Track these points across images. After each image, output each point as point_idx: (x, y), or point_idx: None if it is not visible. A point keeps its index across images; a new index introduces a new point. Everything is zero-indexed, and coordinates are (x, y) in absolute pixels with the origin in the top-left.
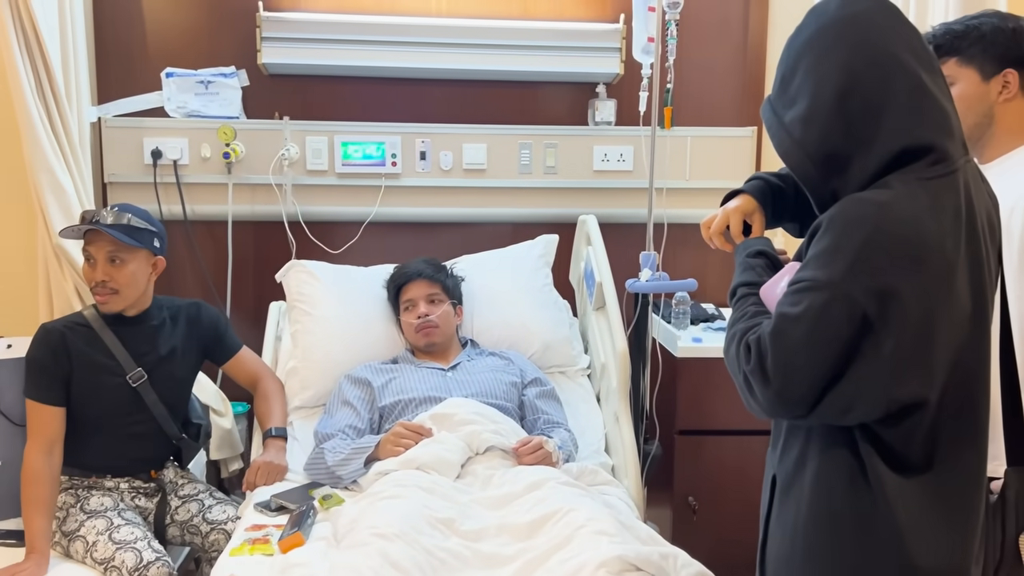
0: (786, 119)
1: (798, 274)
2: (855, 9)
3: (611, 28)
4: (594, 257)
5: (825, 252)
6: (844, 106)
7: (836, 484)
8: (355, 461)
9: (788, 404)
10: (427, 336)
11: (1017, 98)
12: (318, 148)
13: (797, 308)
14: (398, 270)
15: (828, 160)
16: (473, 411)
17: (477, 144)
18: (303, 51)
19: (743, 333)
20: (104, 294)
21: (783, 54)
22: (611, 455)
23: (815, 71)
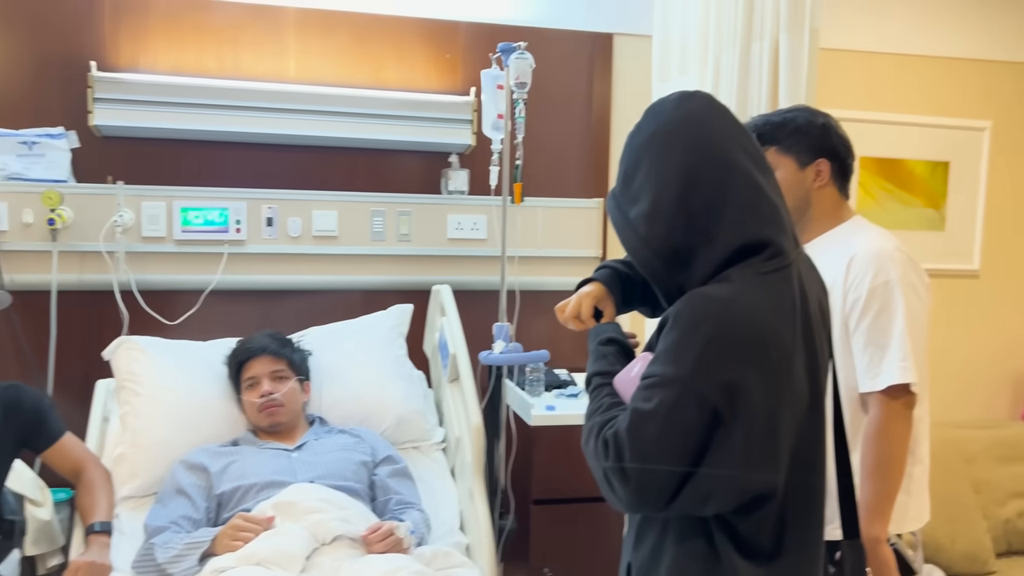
0: (631, 215)
1: (650, 368)
2: (689, 109)
3: (462, 101)
4: (448, 328)
5: (673, 348)
6: (685, 205)
7: (692, 573)
8: (189, 557)
9: (647, 500)
10: (271, 416)
11: (829, 185)
12: (155, 214)
13: (650, 404)
14: (240, 345)
15: (672, 256)
16: (319, 498)
17: (328, 211)
18: (141, 114)
19: (600, 427)
20: None
21: (625, 150)
22: (466, 533)
23: (656, 170)
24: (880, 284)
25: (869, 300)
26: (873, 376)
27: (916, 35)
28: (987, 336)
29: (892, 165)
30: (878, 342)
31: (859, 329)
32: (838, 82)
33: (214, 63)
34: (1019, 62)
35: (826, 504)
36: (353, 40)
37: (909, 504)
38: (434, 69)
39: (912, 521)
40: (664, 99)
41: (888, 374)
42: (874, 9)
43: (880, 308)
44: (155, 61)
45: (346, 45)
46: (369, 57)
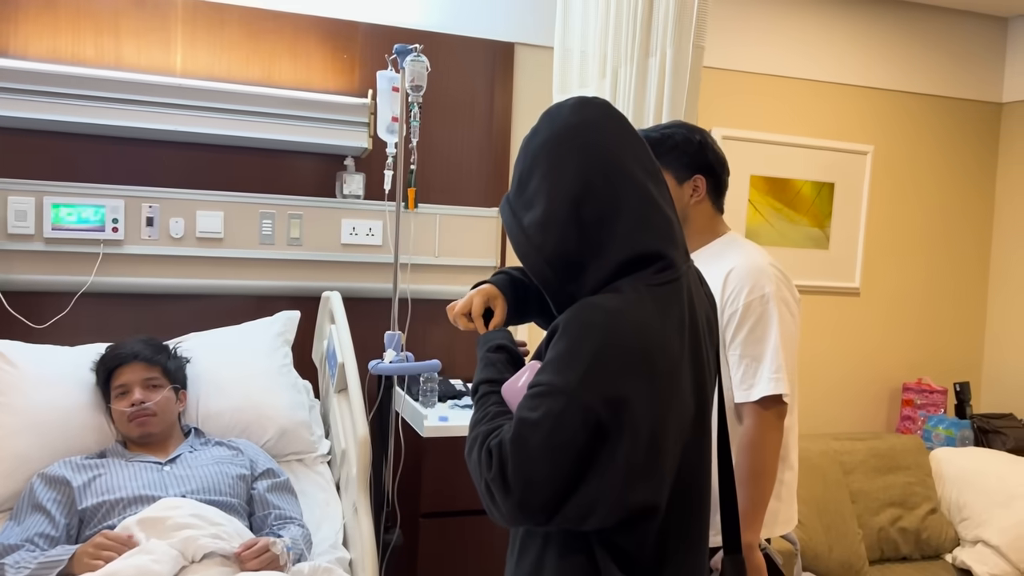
0: (524, 221)
1: (536, 376)
2: (586, 116)
3: (359, 103)
4: (337, 336)
5: (561, 357)
6: (578, 213)
7: None
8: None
9: (529, 513)
10: (142, 426)
11: (705, 201)
12: (22, 209)
13: (535, 413)
14: (110, 351)
15: (564, 265)
16: (190, 513)
17: (213, 212)
18: (11, 102)
19: (485, 436)
20: None
21: (520, 154)
22: (349, 549)
23: (550, 177)
24: (756, 299)
25: (745, 314)
26: (747, 387)
27: (807, 61)
28: (866, 352)
29: (780, 184)
30: (752, 354)
31: (735, 342)
32: (730, 101)
33: (92, 52)
34: (900, 91)
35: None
36: (245, 35)
37: (780, 509)
38: (331, 69)
39: (782, 525)
40: (562, 104)
41: (761, 385)
42: (768, 34)
43: (755, 322)
44: (26, 46)
45: (237, 40)
46: (262, 54)
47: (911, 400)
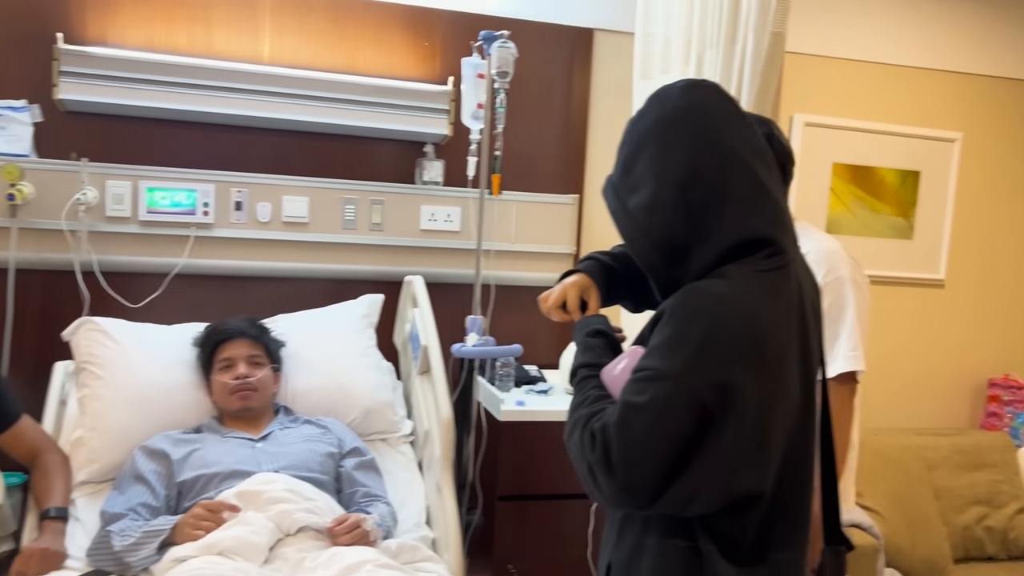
0: (630, 204)
1: (642, 361)
2: (695, 99)
3: (440, 90)
4: (420, 320)
5: (668, 342)
6: (685, 197)
7: (673, 574)
8: (147, 546)
9: (632, 496)
10: (243, 400)
11: None
12: (120, 193)
13: (641, 398)
14: (216, 326)
15: (671, 249)
16: (284, 488)
17: (299, 197)
18: (109, 89)
19: (587, 419)
20: None
21: (625, 137)
22: (432, 527)
23: (658, 160)
24: (832, 280)
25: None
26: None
27: (892, 45)
28: (950, 345)
29: (864, 172)
30: (829, 333)
31: None
32: (812, 87)
33: (185, 40)
34: (991, 76)
35: None
36: (330, 23)
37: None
38: (412, 57)
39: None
40: (670, 86)
41: (839, 363)
42: (852, 18)
43: (831, 302)
44: (124, 36)
45: (323, 28)
46: (346, 41)
47: (997, 396)
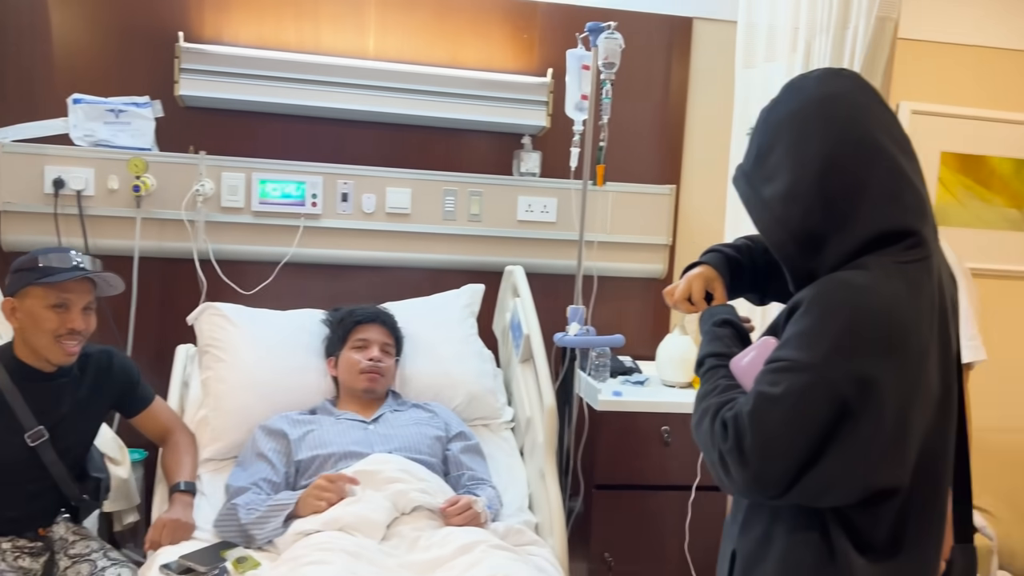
0: (765, 194)
1: (777, 352)
2: (834, 88)
3: (539, 82)
4: (522, 309)
5: (805, 333)
6: (824, 187)
7: (804, 565)
8: (273, 520)
9: (764, 486)
10: (371, 382)
11: None
12: (234, 184)
13: (776, 389)
14: (356, 308)
15: (808, 239)
16: (399, 468)
17: (401, 188)
18: (224, 85)
19: (717, 408)
20: (76, 345)
21: (759, 127)
22: (535, 512)
23: (795, 149)
24: None
25: None
26: None
27: (1006, 29)
28: None
29: (975, 162)
30: None
31: None
32: (921, 74)
33: (294, 37)
34: None
35: None
36: (432, 17)
37: None
38: (511, 49)
39: None
40: (806, 75)
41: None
42: (961, 1)
43: None
44: (237, 33)
45: (425, 22)
46: (447, 35)
47: None
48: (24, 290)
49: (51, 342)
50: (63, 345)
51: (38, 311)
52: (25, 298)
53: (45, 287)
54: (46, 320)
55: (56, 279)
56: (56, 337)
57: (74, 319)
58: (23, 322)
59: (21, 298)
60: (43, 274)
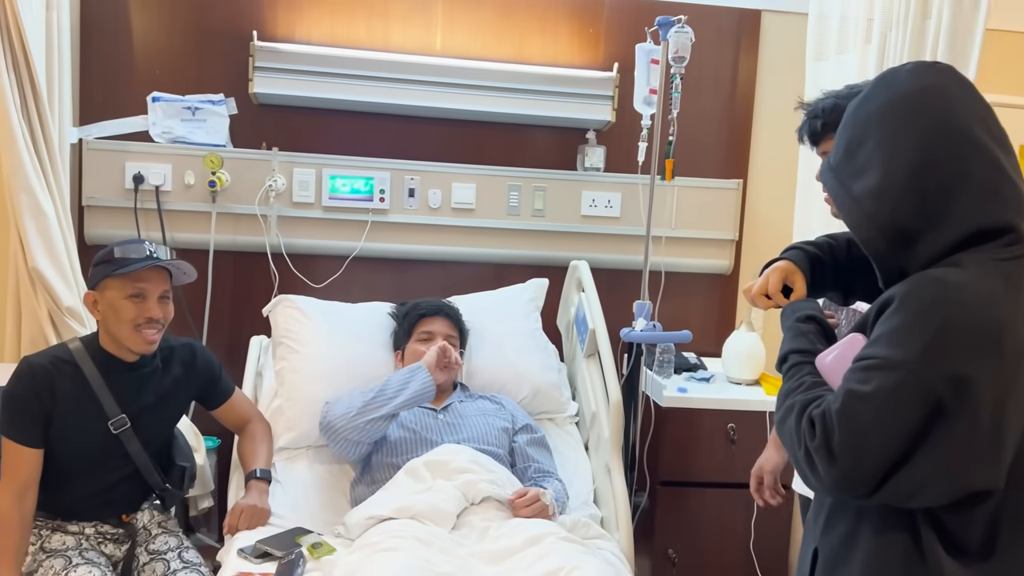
0: (855, 190)
1: (867, 349)
2: (929, 82)
3: (605, 76)
4: (587, 303)
5: (898, 331)
6: (918, 182)
7: (891, 567)
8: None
9: (853, 485)
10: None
11: None
12: (305, 180)
13: (867, 386)
14: (421, 301)
15: (898, 235)
16: (469, 459)
17: (467, 184)
18: (296, 82)
19: (804, 406)
20: (156, 333)
21: (848, 121)
22: (600, 507)
23: (887, 144)
24: None
25: None
26: None
27: None
28: None
29: None
30: None
31: None
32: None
33: (365, 35)
34: None
35: None
36: (498, 14)
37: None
38: (576, 44)
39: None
40: (898, 69)
41: None
42: None
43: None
44: (309, 32)
45: (491, 19)
46: (513, 31)
47: None
48: (103, 282)
49: (131, 331)
50: (143, 334)
51: (117, 302)
52: (105, 290)
53: (122, 278)
54: (125, 310)
55: (130, 269)
56: (135, 326)
57: (151, 308)
58: (104, 313)
59: (101, 290)
60: (119, 265)
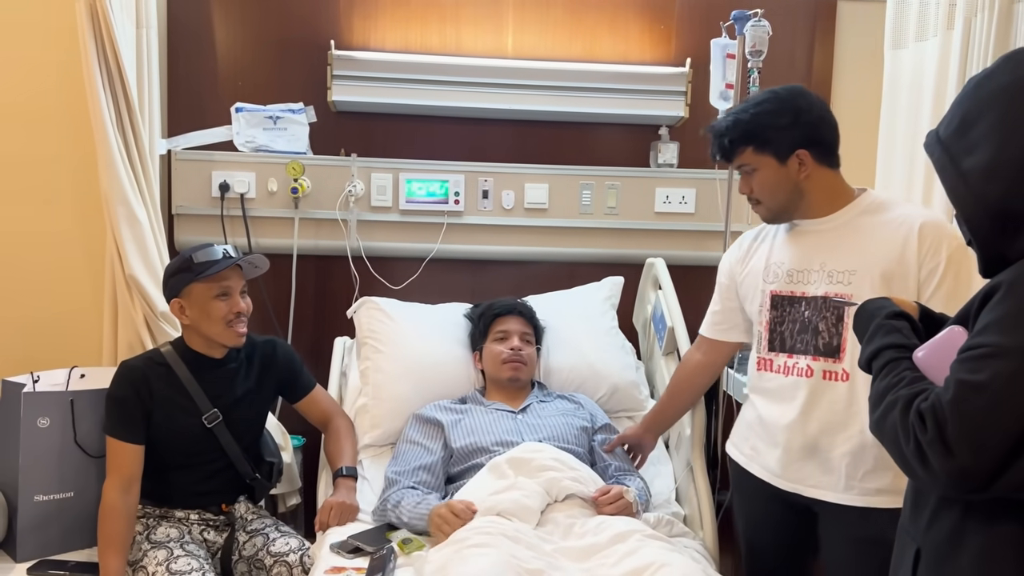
0: (963, 165)
1: (977, 339)
2: None
3: (677, 72)
4: (664, 301)
5: (1008, 317)
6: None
7: (1003, 560)
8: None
9: (970, 477)
10: (514, 371)
11: (816, 170)
12: (383, 185)
13: (980, 375)
14: (495, 301)
15: (1004, 217)
16: (551, 457)
17: (539, 184)
18: (372, 89)
19: (909, 400)
20: (244, 325)
21: (967, 94)
22: (683, 504)
23: (1006, 124)
24: (955, 249)
25: (948, 266)
26: None
27: None
28: None
29: None
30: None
31: (938, 294)
32: None
33: (437, 40)
34: None
35: None
36: (568, 13)
37: None
38: (648, 40)
39: None
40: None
41: None
42: None
43: (956, 272)
44: (384, 39)
45: (561, 19)
46: (583, 30)
47: None
48: (187, 288)
49: (223, 328)
50: (234, 328)
51: (206, 303)
52: (190, 295)
53: (206, 281)
54: (215, 309)
55: (215, 270)
56: (227, 323)
57: (238, 303)
58: (194, 316)
59: (186, 296)
60: (201, 270)
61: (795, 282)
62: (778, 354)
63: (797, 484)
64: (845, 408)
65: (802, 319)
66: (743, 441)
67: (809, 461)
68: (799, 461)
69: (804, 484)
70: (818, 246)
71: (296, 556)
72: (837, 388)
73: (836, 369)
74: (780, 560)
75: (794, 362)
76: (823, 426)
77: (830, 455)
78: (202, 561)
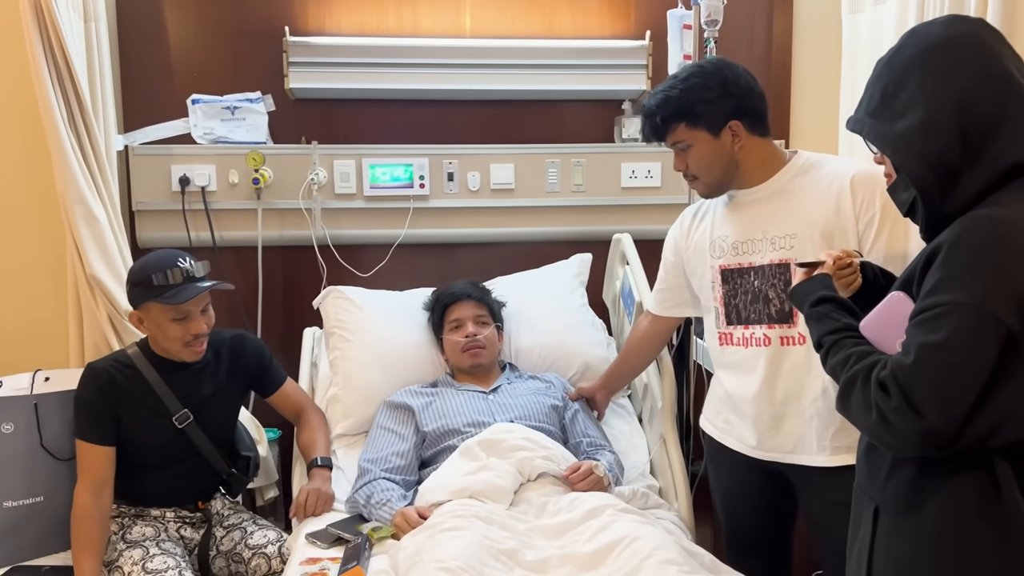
0: (898, 128)
1: (928, 299)
2: (965, 29)
3: (637, 45)
4: (632, 276)
5: (956, 274)
6: (962, 121)
7: (966, 504)
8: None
9: (941, 436)
10: (474, 357)
11: (749, 140)
12: (346, 172)
13: (939, 335)
14: (444, 290)
15: (945, 173)
16: (523, 437)
17: (504, 164)
18: (329, 75)
19: (867, 372)
20: (203, 344)
21: (881, 71)
22: (657, 477)
23: (929, 85)
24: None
25: (883, 216)
26: None
27: None
28: None
29: None
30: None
31: (877, 244)
32: None
33: (394, 22)
34: None
35: None
36: None
37: None
38: (607, 14)
39: None
40: (931, 22)
41: None
42: None
43: (894, 222)
44: (340, 23)
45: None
46: (542, 6)
47: None
48: (144, 305)
49: (180, 347)
50: (191, 348)
51: (163, 324)
52: (148, 312)
53: (165, 304)
54: (171, 331)
55: (173, 301)
56: (184, 343)
57: (197, 326)
58: (151, 331)
59: (144, 311)
60: (159, 292)
61: (741, 253)
62: (736, 327)
63: (773, 452)
64: (806, 371)
65: (753, 289)
66: (716, 415)
67: (780, 428)
68: (772, 430)
69: (780, 451)
70: (758, 215)
71: (275, 547)
72: (795, 352)
73: (792, 334)
74: (760, 530)
75: (751, 332)
76: (788, 392)
77: (799, 419)
78: (179, 559)
